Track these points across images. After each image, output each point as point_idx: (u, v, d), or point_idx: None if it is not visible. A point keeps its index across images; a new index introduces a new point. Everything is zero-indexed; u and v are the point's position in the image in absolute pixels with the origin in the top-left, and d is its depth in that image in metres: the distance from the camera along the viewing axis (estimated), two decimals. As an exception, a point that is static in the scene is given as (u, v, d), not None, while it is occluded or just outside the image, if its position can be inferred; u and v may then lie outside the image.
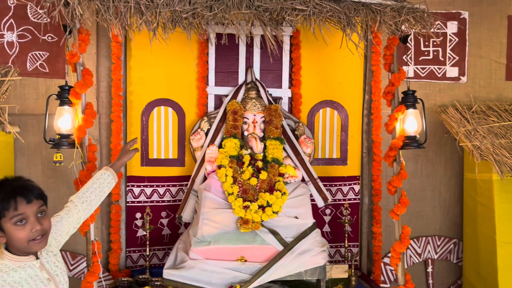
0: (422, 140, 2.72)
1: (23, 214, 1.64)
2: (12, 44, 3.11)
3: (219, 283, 2.69)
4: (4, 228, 1.64)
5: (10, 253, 1.67)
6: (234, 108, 3.18)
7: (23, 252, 1.68)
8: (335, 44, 2.65)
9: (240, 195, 2.90)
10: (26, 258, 1.70)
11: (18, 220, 1.63)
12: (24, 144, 3.09)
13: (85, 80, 2.45)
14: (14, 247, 1.67)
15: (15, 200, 1.64)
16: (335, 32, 2.54)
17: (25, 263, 1.69)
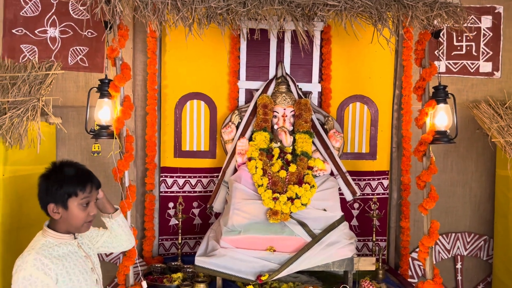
0: (453, 135, 2.71)
1: (89, 197, 1.85)
2: (55, 40, 3.27)
3: (248, 271, 2.78)
4: (69, 206, 1.81)
5: (54, 231, 1.84)
6: (264, 102, 3.25)
7: (66, 231, 1.87)
8: (365, 39, 2.68)
9: (270, 187, 2.97)
10: (67, 236, 1.88)
11: (85, 202, 1.83)
12: (65, 135, 3.26)
13: (124, 74, 2.57)
14: (66, 225, 1.85)
15: (90, 184, 1.86)
16: (366, 27, 2.56)
17: (66, 241, 1.87)
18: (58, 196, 1.80)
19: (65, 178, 1.82)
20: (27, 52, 3.23)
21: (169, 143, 3.49)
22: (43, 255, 1.75)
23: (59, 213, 1.81)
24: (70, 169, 1.86)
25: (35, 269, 1.70)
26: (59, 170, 1.85)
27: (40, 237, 1.85)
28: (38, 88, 2.73)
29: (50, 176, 1.84)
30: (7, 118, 2.45)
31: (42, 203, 1.85)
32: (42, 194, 1.84)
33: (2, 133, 2.41)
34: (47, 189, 1.81)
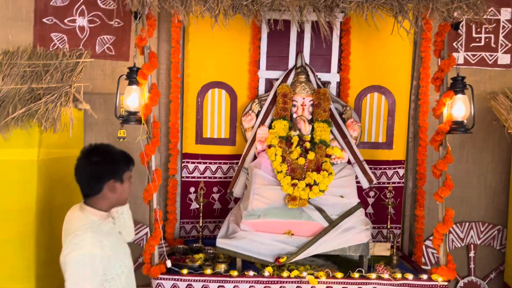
0: (470, 125, 2.77)
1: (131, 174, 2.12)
2: (83, 29, 3.40)
3: (267, 253, 2.90)
4: (124, 180, 2.04)
5: (96, 209, 1.99)
6: (284, 91, 3.34)
7: (107, 208, 2.05)
8: (385, 30, 2.74)
9: (289, 173, 3.08)
10: (106, 214, 2.04)
11: (131, 176, 2.11)
12: (92, 120, 3.40)
13: (151, 62, 2.68)
14: (115, 201, 2.04)
15: (133, 162, 2.13)
16: (386, 18, 2.62)
17: (105, 218, 2.04)
18: (117, 171, 2.00)
19: (119, 155, 2.05)
20: (57, 40, 3.36)
21: (191, 130, 3.61)
22: (97, 232, 1.90)
23: (115, 188, 1.99)
24: (115, 149, 2.08)
25: (94, 246, 1.83)
26: (108, 150, 2.04)
27: (83, 216, 1.96)
28: (69, 75, 2.87)
29: (103, 156, 1.99)
30: (42, 103, 2.58)
31: (99, 183, 1.97)
32: (100, 174, 1.97)
33: (38, 117, 2.55)
34: (105, 168, 1.97)
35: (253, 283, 2.79)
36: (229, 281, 2.79)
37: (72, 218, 2.01)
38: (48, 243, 2.85)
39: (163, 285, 2.77)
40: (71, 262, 1.79)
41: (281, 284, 2.80)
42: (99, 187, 1.97)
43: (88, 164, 1.97)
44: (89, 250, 1.81)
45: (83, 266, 1.78)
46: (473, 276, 3.65)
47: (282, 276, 2.81)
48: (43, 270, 2.81)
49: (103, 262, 1.86)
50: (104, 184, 1.96)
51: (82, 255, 1.80)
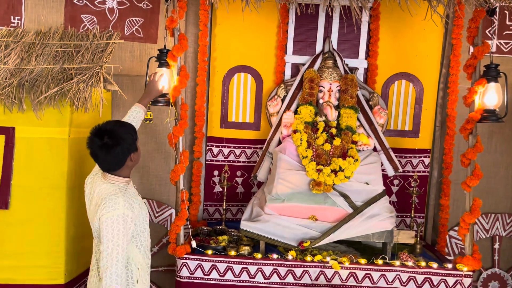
0: (502, 114, 2.72)
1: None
2: (113, 11, 3.42)
3: (290, 237, 2.92)
4: (138, 147, 2.28)
5: (121, 177, 2.24)
6: (311, 77, 3.32)
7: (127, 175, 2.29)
8: (415, 16, 2.69)
9: (314, 159, 3.07)
10: (128, 179, 2.30)
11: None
12: (119, 101, 3.44)
13: (181, 44, 2.70)
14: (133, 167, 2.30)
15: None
16: (419, 2, 2.56)
17: (128, 184, 2.29)
18: (133, 144, 2.22)
19: (129, 128, 2.25)
20: (87, 22, 3.40)
21: (216, 114, 3.63)
22: (127, 196, 2.17)
23: (134, 157, 2.24)
24: (119, 123, 2.29)
25: (126, 208, 2.09)
26: (119, 126, 2.23)
27: (109, 184, 2.20)
28: (100, 56, 2.90)
29: (117, 140, 2.15)
30: (74, 83, 2.63)
31: (123, 160, 2.19)
32: (120, 157, 2.18)
33: (70, 97, 2.60)
34: (125, 144, 2.17)
35: (276, 266, 2.82)
36: (253, 263, 2.82)
37: (101, 189, 2.20)
38: (77, 220, 2.93)
39: (188, 265, 2.82)
40: (108, 221, 2.03)
41: (304, 268, 2.82)
42: (124, 162, 2.21)
43: (107, 149, 2.15)
44: (122, 211, 2.06)
45: (117, 225, 2.03)
46: (497, 268, 3.61)
47: (305, 260, 2.83)
48: (72, 246, 2.89)
49: (134, 221, 2.14)
50: (127, 158, 2.21)
51: (117, 216, 2.04)
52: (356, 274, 2.81)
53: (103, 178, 2.23)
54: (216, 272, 2.83)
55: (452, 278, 2.81)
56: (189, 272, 2.83)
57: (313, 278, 2.82)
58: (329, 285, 2.82)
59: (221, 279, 2.83)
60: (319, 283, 2.82)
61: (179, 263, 2.84)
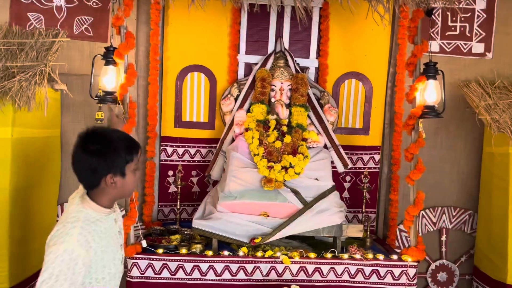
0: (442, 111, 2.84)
1: (138, 161, 1.76)
2: (61, 9, 3.36)
3: (243, 234, 2.94)
4: (126, 173, 1.69)
5: (95, 203, 1.69)
6: (262, 76, 3.37)
7: (110, 203, 1.74)
8: (362, 16, 2.78)
9: (265, 156, 3.11)
10: (108, 210, 1.74)
11: (136, 168, 1.74)
12: (70, 102, 3.38)
13: (128, 42, 2.68)
14: (117, 195, 1.73)
15: (140, 150, 1.76)
16: (362, 4, 2.65)
17: (106, 215, 1.73)
18: (116, 164, 1.66)
19: (120, 144, 1.68)
20: (33, 20, 3.32)
21: (170, 113, 3.61)
22: (88, 230, 1.62)
23: (115, 182, 1.67)
24: (118, 135, 1.72)
25: (79, 245, 1.56)
26: (106, 137, 1.68)
27: (79, 208, 1.68)
28: (45, 54, 2.84)
29: (100, 146, 1.65)
30: (16, 81, 2.56)
31: (95, 177, 1.66)
32: (95, 167, 1.64)
33: (11, 95, 2.53)
34: (102, 160, 1.64)
35: (227, 263, 2.84)
36: (204, 261, 2.83)
37: (70, 204, 1.75)
38: (23, 222, 2.85)
39: (138, 265, 2.80)
40: (50, 255, 1.53)
41: (255, 264, 2.85)
42: (96, 180, 1.67)
43: (82, 153, 1.65)
44: (72, 248, 1.55)
45: (59, 264, 1.51)
46: (445, 260, 3.76)
47: (256, 256, 2.86)
48: (17, 249, 2.81)
49: (88, 265, 1.60)
50: (101, 178, 1.66)
51: (64, 250, 1.53)
52: (306, 268, 2.86)
53: (80, 196, 1.73)
54: (167, 271, 2.82)
55: (398, 269, 2.90)
56: (140, 272, 2.81)
57: (264, 274, 2.85)
58: (280, 280, 2.85)
59: (172, 277, 2.82)
60: (270, 278, 2.85)
61: (129, 263, 2.81)
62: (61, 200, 3.44)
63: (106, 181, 1.66)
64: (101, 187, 1.67)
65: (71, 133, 3.44)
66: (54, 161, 3.34)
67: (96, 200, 1.70)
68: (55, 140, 3.34)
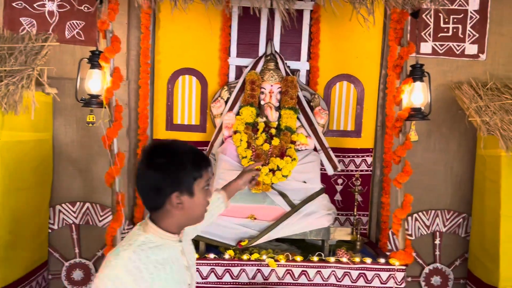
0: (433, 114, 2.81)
1: (211, 178, 1.52)
2: (53, 13, 3.41)
3: (230, 237, 2.94)
4: (195, 192, 1.45)
5: (160, 228, 1.46)
6: (252, 78, 3.37)
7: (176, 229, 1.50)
8: (353, 18, 2.76)
9: (253, 159, 3.11)
10: (173, 237, 1.49)
11: (207, 184, 1.50)
12: (62, 105, 3.42)
13: (114, 46, 2.70)
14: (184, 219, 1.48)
15: (210, 166, 1.52)
16: (349, 6, 2.63)
17: (170, 242, 1.48)
18: (183, 181, 1.42)
19: (185, 158, 1.44)
20: (26, 25, 3.37)
21: (161, 116, 3.63)
22: (140, 257, 1.38)
23: (182, 203, 1.43)
24: (185, 148, 1.48)
25: (126, 271, 1.34)
26: (172, 150, 1.46)
27: (139, 231, 1.46)
28: (33, 58, 2.88)
29: (164, 160, 1.42)
30: (3, 85, 2.60)
31: (159, 196, 1.42)
32: (159, 184, 1.41)
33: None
34: (166, 176, 1.41)
35: (213, 265, 2.83)
36: (190, 263, 2.82)
37: (132, 231, 1.51)
38: (12, 226, 2.88)
39: (125, 267, 2.81)
40: (96, 279, 1.34)
41: (241, 266, 2.84)
42: (160, 201, 1.43)
43: (145, 168, 1.42)
44: (116, 273, 1.33)
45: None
46: (439, 263, 3.71)
47: (242, 259, 2.85)
48: (5, 253, 2.84)
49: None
50: (165, 197, 1.42)
51: (107, 276, 1.33)
52: (292, 272, 2.85)
53: (142, 222, 1.51)
54: (153, 274, 2.82)
55: (386, 272, 2.87)
56: (126, 274, 2.81)
57: (250, 277, 2.84)
58: (266, 283, 2.85)
59: (158, 280, 2.82)
60: (256, 281, 2.84)
61: (115, 265, 2.82)
62: (53, 202, 3.48)
63: (171, 201, 1.42)
64: (165, 208, 1.43)
65: (63, 136, 3.49)
66: (46, 164, 3.38)
67: (159, 224, 1.46)
68: (47, 143, 3.38)
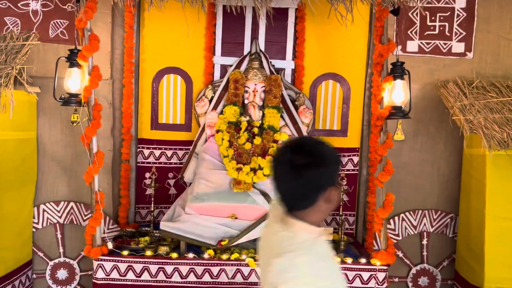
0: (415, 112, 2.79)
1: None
2: (37, 12, 3.40)
3: (210, 236, 2.92)
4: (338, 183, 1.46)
5: (307, 224, 1.42)
6: (236, 77, 3.36)
7: (319, 223, 1.48)
8: (338, 17, 2.73)
9: (235, 158, 3.10)
10: (319, 229, 1.47)
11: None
12: (46, 104, 3.41)
13: (92, 45, 2.70)
14: (324, 214, 1.48)
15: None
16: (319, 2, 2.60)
17: (321, 236, 1.46)
18: (336, 175, 1.45)
19: (333, 154, 1.45)
20: (10, 24, 3.37)
21: (146, 115, 3.62)
22: (314, 256, 1.38)
23: (331, 196, 1.42)
24: (325, 145, 1.46)
25: (311, 277, 1.32)
26: (325, 148, 1.44)
27: (289, 233, 1.42)
28: (13, 57, 2.88)
29: (326, 157, 1.41)
30: (-19, 84, 2.60)
31: (317, 193, 1.40)
32: (320, 181, 1.39)
33: (-24, 97, 2.57)
34: (327, 172, 1.40)
35: (193, 265, 2.82)
36: (169, 263, 2.81)
37: (274, 237, 1.47)
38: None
39: (104, 266, 2.80)
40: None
41: (221, 266, 2.83)
42: (316, 197, 1.41)
43: (305, 167, 1.38)
44: (306, 282, 1.31)
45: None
46: (426, 264, 3.67)
47: (221, 259, 2.83)
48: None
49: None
50: (323, 193, 1.41)
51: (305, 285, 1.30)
52: (272, 272, 2.82)
53: (280, 223, 1.47)
54: (132, 273, 2.81)
55: (367, 273, 2.85)
56: (105, 274, 2.81)
57: (230, 277, 2.83)
58: (246, 283, 2.83)
59: (137, 279, 2.82)
60: (236, 281, 2.83)
61: (95, 264, 2.81)
62: (38, 202, 3.48)
63: (327, 196, 1.41)
64: (318, 204, 1.41)
65: (47, 136, 3.48)
66: (30, 163, 3.38)
67: (308, 220, 1.43)
68: (31, 142, 3.38)
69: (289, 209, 1.45)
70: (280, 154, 1.44)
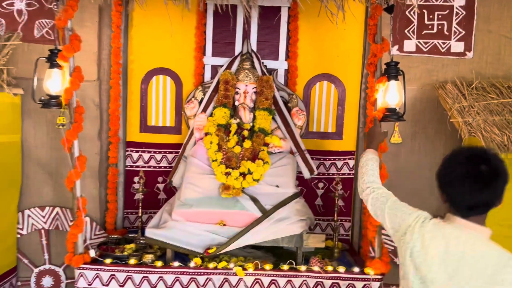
0: (410, 115, 2.66)
1: None
2: (21, 12, 3.30)
3: (197, 244, 2.81)
4: None
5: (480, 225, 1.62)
6: (226, 78, 3.24)
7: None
8: (329, 15, 2.61)
9: (224, 162, 2.98)
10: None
11: None
12: (31, 107, 3.30)
13: (73, 45, 2.59)
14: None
15: None
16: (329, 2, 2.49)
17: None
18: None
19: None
20: (-6, 24, 3.28)
21: (135, 118, 3.52)
22: None
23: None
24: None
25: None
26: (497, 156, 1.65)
27: (487, 241, 1.62)
28: (-6, 58, 2.78)
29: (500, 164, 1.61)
30: (-42, 85, 2.50)
31: (499, 196, 1.62)
32: (501, 185, 1.61)
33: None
34: (504, 178, 1.61)
35: (178, 274, 2.71)
36: (153, 272, 2.70)
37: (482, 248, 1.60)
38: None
39: (85, 275, 2.69)
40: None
41: (208, 275, 2.71)
42: (498, 203, 1.64)
43: (488, 180, 1.58)
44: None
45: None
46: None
47: (208, 267, 2.72)
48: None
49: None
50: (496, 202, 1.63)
51: None
52: (261, 281, 2.71)
53: (459, 228, 1.63)
54: (115, 282, 2.70)
55: (360, 282, 2.72)
56: (87, 283, 2.70)
57: (217, 286, 2.71)
58: (233, 293, 2.71)
59: (121, 289, 2.71)
60: (223, 291, 2.71)
61: (76, 273, 2.70)
62: (22, 207, 3.37)
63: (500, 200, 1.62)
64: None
65: (32, 139, 3.38)
66: (14, 167, 3.28)
67: (481, 222, 1.64)
68: (15, 145, 3.28)
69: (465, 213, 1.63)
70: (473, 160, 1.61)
